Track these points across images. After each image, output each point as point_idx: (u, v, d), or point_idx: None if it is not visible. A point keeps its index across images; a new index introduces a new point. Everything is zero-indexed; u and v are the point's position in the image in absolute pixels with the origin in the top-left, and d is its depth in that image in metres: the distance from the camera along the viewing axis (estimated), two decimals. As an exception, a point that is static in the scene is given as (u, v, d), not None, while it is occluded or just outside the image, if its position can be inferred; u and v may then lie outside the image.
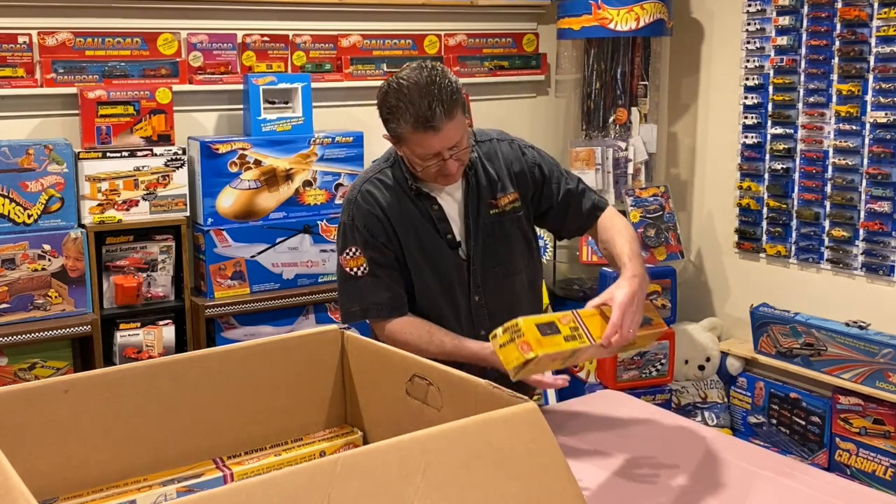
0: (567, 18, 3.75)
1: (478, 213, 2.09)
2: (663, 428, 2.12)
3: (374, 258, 2.06)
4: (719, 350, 3.90)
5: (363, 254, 2.05)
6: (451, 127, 1.91)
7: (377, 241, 2.05)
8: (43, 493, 1.39)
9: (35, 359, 2.96)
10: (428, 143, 1.92)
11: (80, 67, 3.13)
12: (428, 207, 2.08)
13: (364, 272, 2.06)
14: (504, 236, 2.12)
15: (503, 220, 2.11)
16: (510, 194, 2.11)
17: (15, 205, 2.91)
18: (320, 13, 3.60)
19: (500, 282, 2.12)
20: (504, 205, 2.11)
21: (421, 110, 1.88)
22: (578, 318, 1.79)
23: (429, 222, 2.08)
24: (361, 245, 2.06)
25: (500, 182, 2.11)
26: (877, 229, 3.40)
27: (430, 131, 1.89)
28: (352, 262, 2.07)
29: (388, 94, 1.96)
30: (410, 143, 1.94)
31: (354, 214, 2.07)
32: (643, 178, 3.84)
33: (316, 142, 3.38)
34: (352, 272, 2.07)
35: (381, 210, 2.06)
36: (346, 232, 2.09)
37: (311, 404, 1.67)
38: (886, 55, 3.30)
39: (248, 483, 1.03)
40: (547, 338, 1.68)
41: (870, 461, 3.37)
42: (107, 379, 1.48)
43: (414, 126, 1.90)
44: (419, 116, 1.89)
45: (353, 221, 2.07)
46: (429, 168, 1.97)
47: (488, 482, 1.14)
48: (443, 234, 2.08)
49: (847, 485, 1.92)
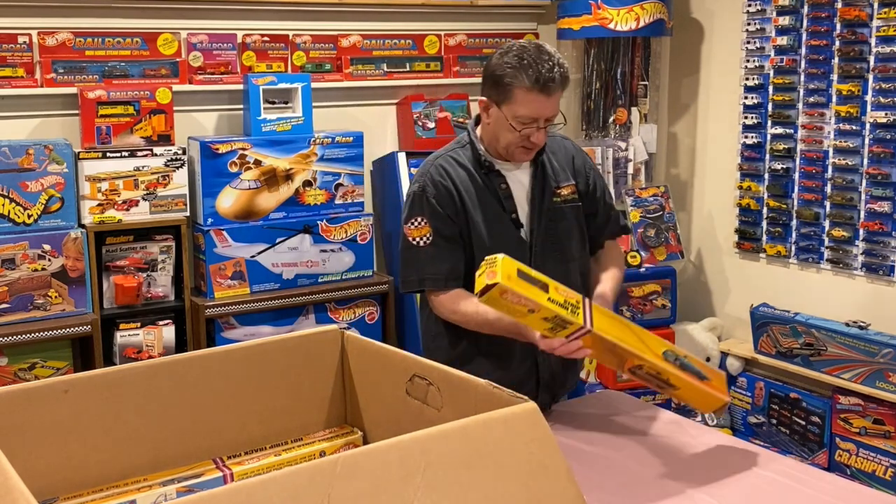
0: (567, 18, 3.75)
1: (542, 197, 2.19)
2: (663, 428, 2.12)
3: (438, 229, 2.13)
4: (719, 350, 3.90)
5: (429, 224, 2.13)
6: (557, 98, 2.07)
7: (444, 213, 2.13)
8: (43, 493, 1.39)
9: (35, 359, 2.96)
10: (535, 105, 2.04)
11: (80, 67, 3.13)
12: (497, 185, 2.17)
13: (426, 242, 2.13)
14: (564, 223, 2.22)
15: (564, 208, 2.22)
16: (571, 184, 2.24)
17: (15, 205, 2.91)
18: (320, 13, 3.60)
19: (558, 266, 2.18)
20: (566, 194, 2.23)
21: (543, 71, 2.02)
22: (587, 303, 1.88)
23: (496, 200, 2.17)
24: (428, 215, 2.13)
25: (563, 172, 2.24)
26: (877, 229, 3.40)
27: (544, 94, 2.03)
28: (415, 232, 2.14)
29: (507, 55, 2.08)
30: (518, 101, 2.05)
31: (426, 185, 2.15)
32: (643, 178, 3.84)
33: (316, 142, 3.38)
34: (414, 241, 2.14)
35: (452, 183, 2.14)
36: (414, 201, 2.17)
37: (311, 404, 1.67)
38: (886, 55, 3.30)
39: (248, 483, 1.04)
40: (523, 281, 1.77)
41: (870, 461, 3.37)
42: (107, 379, 1.48)
43: (532, 84, 2.02)
44: (540, 76, 2.02)
45: (424, 192, 2.15)
46: (520, 135, 2.08)
47: (488, 482, 1.14)
48: (508, 213, 2.17)
49: (847, 485, 1.92)
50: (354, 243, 3.48)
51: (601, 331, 1.85)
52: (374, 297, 3.52)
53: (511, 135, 2.10)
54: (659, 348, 1.93)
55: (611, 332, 1.87)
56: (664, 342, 1.97)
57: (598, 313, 1.89)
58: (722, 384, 2.00)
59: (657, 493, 1.79)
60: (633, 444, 2.02)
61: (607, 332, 1.86)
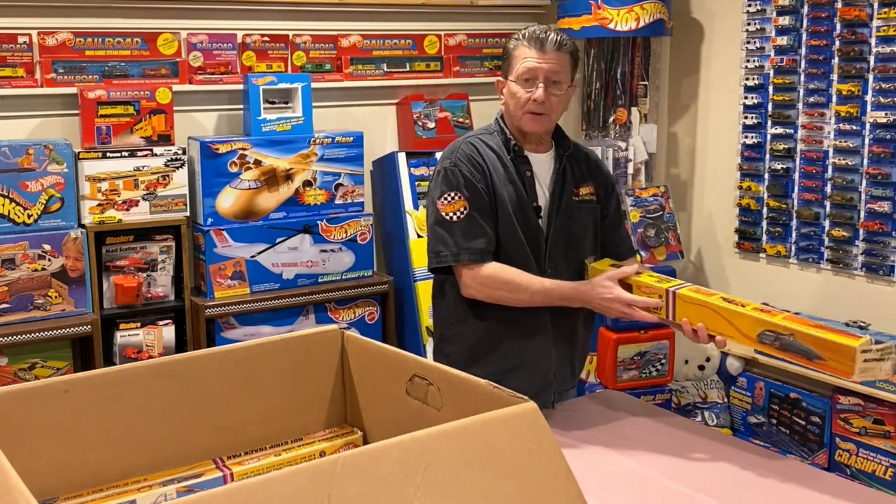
0: (567, 18, 3.75)
1: (562, 193, 2.25)
2: (663, 428, 2.12)
3: (473, 200, 2.15)
4: (719, 350, 3.90)
5: (463, 197, 2.16)
6: (556, 58, 2.15)
7: (478, 185, 2.16)
8: (43, 493, 1.39)
9: (35, 359, 2.96)
10: (532, 61, 2.14)
11: (80, 67, 3.13)
12: (523, 172, 2.22)
13: (461, 216, 2.15)
14: (580, 222, 2.27)
15: (581, 208, 2.28)
16: (589, 185, 2.30)
17: (15, 205, 2.91)
18: (320, 13, 3.60)
19: (570, 263, 2.26)
20: (584, 193, 2.29)
21: (537, 31, 2.17)
22: (672, 295, 2.03)
23: (521, 184, 2.21)
24: (464, 187, 2.16)
25: (584, 174, 2.31)
26: (877, 229, 3.40)
27: (539, 50, 2.14)
28: (449, 208, 2.16)
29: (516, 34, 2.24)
30: (517, 61, 2.17)
31: (458, 160, 2.19)
32: (643, 178, 3.84)
33: (316, 142, 3.38)
34: (448, 217, 2.16)
35: (483, 159, 2.19)
36: (447, 176, 2.19)
37: (311, 404, 1.67)
38: (886, 55, 3.30)
39: (248, 483, 1.03)
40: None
41: (870, 461, 3.37)
42: (107, 379, 1.47)
43: (528, 42, 2.16)
44: (533, 33, 2.16)
45: (457, 167, 2.18)
46: (525, 97, 2.16)
47: (488, 482, 1.14)
48: (531, 199, 2.21)
49: (847, 485, 1.92)
50: (354, 243, 3.48)
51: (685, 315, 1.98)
52: (374, 297, 3.52)
53: (516, 100, 2.18)
54: (756, 329, 1.89)
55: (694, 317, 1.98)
56: (767, 319, 1.88)
57: (681, 301, 2.00)
58: (847, 358, 1.78)
59: (657, 494, 1.79)
60: (633, 444, 2.02)
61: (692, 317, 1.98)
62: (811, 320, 1.92)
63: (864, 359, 1.76)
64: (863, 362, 1.76)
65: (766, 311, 1.93)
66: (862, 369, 1.76)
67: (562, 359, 2.28)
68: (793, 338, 1.85)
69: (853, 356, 1.76)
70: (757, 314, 1.91)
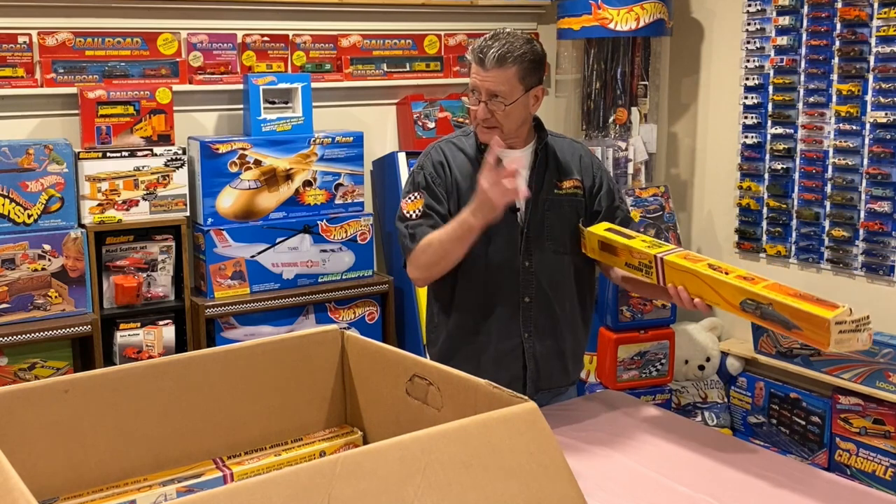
0: (567, 18, 3.75)
1: (541, 187, 2.27)
2: (663, 428, 2.12)
3: (430, 204, 2.25)
4: (719, 350, 3.90)
5: (422, 198, 2.25)
6: (496, 74, 2.15)
7: (437, 190, 2.25)
8: (43, 493, 1.39)
9: (35, 359, 2.96)
10: (474, 77, 2.18)
11: (80, 67, 3.13)
12: None
13: (418, 215, 2.24)
14: (561, 215, 2.29)
15: (562, 201, 2.29)
16: (574, 179, 2.31)
17: (15, 205, 2.91)
18: (320, 13, 3.60)
19: (550, 256, 2.28)
20: (567, 187, 2.31)
21: (483, 46, 2.17)
22: (660, 261, 2.05)
23: None
24: (424, 189, 2.26)
25: (567, 167, 2.32)
26: (877, 229, 3.40)
27: (480, 66, 2.16)
28: (410, 206, 2.26)
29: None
30: (470, 72, 2.22)
31: (424, 164, 2.30)
32: (643, 178, 3.84)
33: (316, 142, 3.38)
34: (408, 214, 2.26)
35: (448, 164, 2.27)
36: (413, 178, 2.30)
37: (311, 404, 1.67)
38: (886, 55, 3.30)
39: (248, 483, 1.03)
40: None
41: (870, 461, 3.37)
42: (107, 379, 1.48)
43: (472, 57, 2.19)
44: (477, 48, 2.18)
45: (422, 170, 2.29)
46: (471, 109, 2.22)
47: (488, 482, 1.14)
48: None
49: (847, 485, 1.92)
50: (354, 243, 3.48)
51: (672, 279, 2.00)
52: (374, 297, 3.52)
53: (471, 112, 2.24)
54: (738, 297, 1.89)
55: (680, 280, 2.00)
56: (748, 288, 1.87)
57: (668, 267, 2.02)
58: (822, 329, 1.78)
59: (657, 494, 1.79)
60: (633, 444, 2.02)
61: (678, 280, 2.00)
62: (794, 289, 1.90)
63: (840, 330, 1.77)
64: (838, 333, 1.77)
65: (749, 279, 1.93)
66: (837, 340, 1.77)
67: (546, 353, 2.29)
68: (772, 307, 1.85)
69: (827, 327, 1.77)
70: (739, 282, 1.91)
